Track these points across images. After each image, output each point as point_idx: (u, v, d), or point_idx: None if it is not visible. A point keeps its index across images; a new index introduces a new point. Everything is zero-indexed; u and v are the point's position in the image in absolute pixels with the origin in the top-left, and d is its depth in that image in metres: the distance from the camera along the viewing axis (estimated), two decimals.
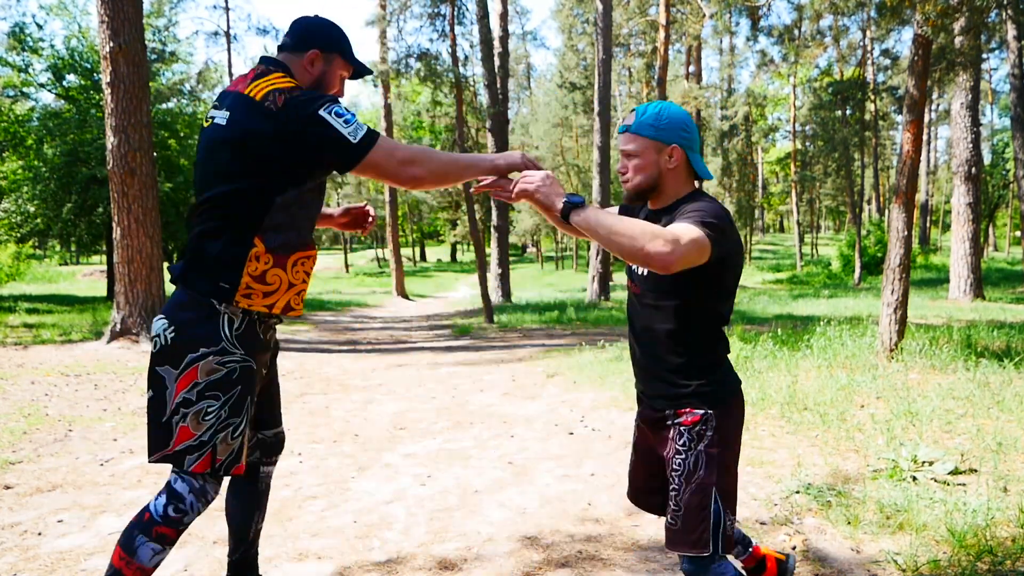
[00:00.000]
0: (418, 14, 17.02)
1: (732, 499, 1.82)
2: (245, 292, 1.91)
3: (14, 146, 17.90)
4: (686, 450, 1.80)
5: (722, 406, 1.82)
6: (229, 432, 1.88)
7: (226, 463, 1.89)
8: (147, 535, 1.85)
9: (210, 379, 1.86)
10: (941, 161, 50.21)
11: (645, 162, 1.83)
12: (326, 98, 1.86)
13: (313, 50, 2.01)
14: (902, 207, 6.42)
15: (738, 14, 19.08)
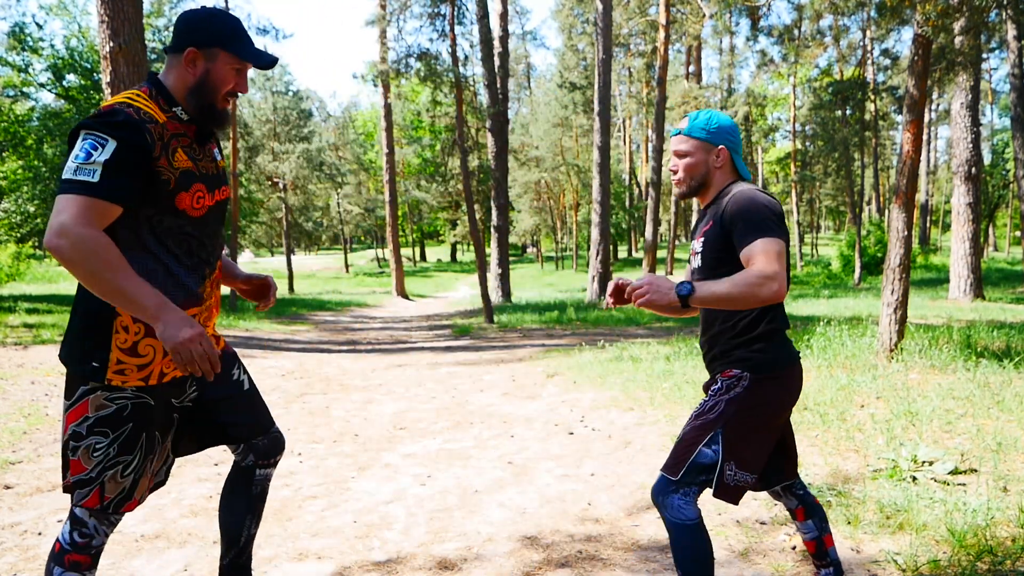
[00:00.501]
0: (418, 14, 17.02)
1: (744, 454, 1.93)
2: (117, 368, 1.77)
3: (14, 146, 17.91)
4: (711, 396, 2.00)
5: (762, 374, 1.97)
6: (119, 470, 1.79)
7: (115, 500, 1.80)
8: (61, 565, 1.81)
9: (99, 415, 1.77)
10: (941, 161, 50.21)
11: (696, 160, 2.07)
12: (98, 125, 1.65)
13: (190, 48, 1.79)
14: (902, 207, 6.42)
15: (738, 14, 19.09)
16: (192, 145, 1.87)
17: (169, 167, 1.76)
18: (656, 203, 24.41)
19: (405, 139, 39.17)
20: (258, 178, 33.41)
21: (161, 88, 1.83)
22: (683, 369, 6.43)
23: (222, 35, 1.81)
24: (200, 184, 1.84)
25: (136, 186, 1.69)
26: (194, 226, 1.84)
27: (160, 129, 1.76)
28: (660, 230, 43.65)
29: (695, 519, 1.92)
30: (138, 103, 1.77)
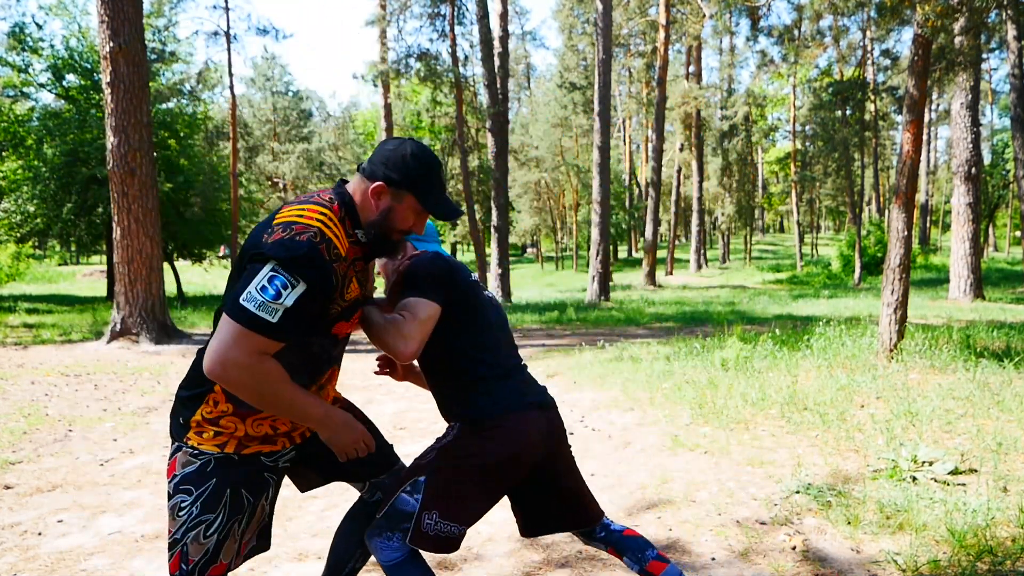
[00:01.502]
0: (418, 14, 17.03)
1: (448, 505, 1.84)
2: (197, 429, 1.76)
3: (14, 146, 17.91)
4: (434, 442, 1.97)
5: (470, 425, 1.90)
6: (201, 530, 1.73)
7: (200, 563, 1.74)
8: None
9: (184, 472, 1.75)
10: (941, 161, 50.22)
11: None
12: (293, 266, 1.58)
13: (379, 182, 1.75)
14: (902, 207, 6.42)
15: (738, 14, 19.08)
16: (363, 269, 1.85)
17: (340, 299, 1.74)
18: (656, 203, 24.44)
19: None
20: (258, 178, 33.41)
21: (350, 209, 1.77)
22: (683, 369, 6.43)
23: (416, 181, 1.77)
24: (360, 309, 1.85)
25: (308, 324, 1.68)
26: (329, 341, 1.83)
27: (345, 267, 1.73)
28: (660, 230, 43.69)
29: (399, 556, 1.86)
30: (329, 233, 1.68)
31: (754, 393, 5.18)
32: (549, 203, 41.30)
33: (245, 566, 2.77)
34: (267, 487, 1.85)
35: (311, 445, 1.95)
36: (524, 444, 1.89)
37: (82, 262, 50.15)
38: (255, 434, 1.79)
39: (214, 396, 1.75)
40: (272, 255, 1.59)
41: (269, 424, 1.80)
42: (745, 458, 3.91)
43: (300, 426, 1.87)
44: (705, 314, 13.17)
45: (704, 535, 2.96)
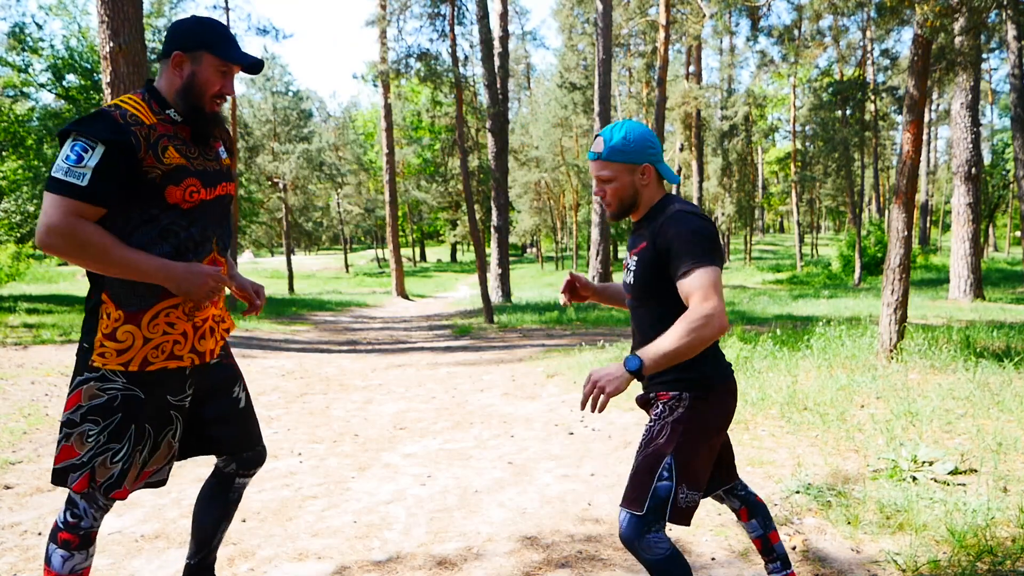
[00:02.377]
0: (418, 14, 17.02)
1: (693, 475, 1.91)
2: (100, 351, 1.88)
3: (14, 146, 17.91)
4: (656, 420, 1.96)
5: (699, 391, 1.94)
6: (108, 456, 1.88)
7: (104, 485, 1.89)
8: (54, 541, 1.92)
9: (91, 403, 1.88)
10: (941, 161, 50.22)
11: (622, 184, 1.98)
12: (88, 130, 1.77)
13: (176, 52, 1.89)
14: (902, 207, 6.42)
15: (738, 14, 19.09)
16: (187, 144, 1.94)
17: (158, 163, 1.84)
18: None
19: (405, 139, 39.16)
20: (258, 178, 33.41)
21: (154, 92, 1.93)
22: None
23: (207, 39, 1.90)
24: (193, 179, 1.91)
25: (120, 189, 1.80)
26: (184, 217, 1.91)
27: (147, 130, 1.85)
28: None
29: (670, 549, 1.88)
30: (127, 106, 1.87)
31: (754, 393, 5.18)
32: (549, 203, 41.30)
33: (245, 566, 2.77)
34: (172, 424, 1.99)
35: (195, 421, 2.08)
36: (734, 406, 2.03)
37: None
38: (154, 339, 1.89)
39: (104, 307, 1.88)
40: (70, 128, 1.80)
41: (164, 323, 1.91)
42: (745, 458, 3.91)
43: (203, 344, 2.01)
44: None
45: (704, 535, 2.96)
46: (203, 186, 1.94)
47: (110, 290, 1.88)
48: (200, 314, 1.99)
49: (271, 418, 5.46)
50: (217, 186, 2.00)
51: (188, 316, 1.95)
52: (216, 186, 1.99)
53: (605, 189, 1.99)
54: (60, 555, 1.91)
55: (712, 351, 1.99)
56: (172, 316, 1.92)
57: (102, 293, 1.88)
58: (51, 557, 1.91)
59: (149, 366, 1.90)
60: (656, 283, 1.94)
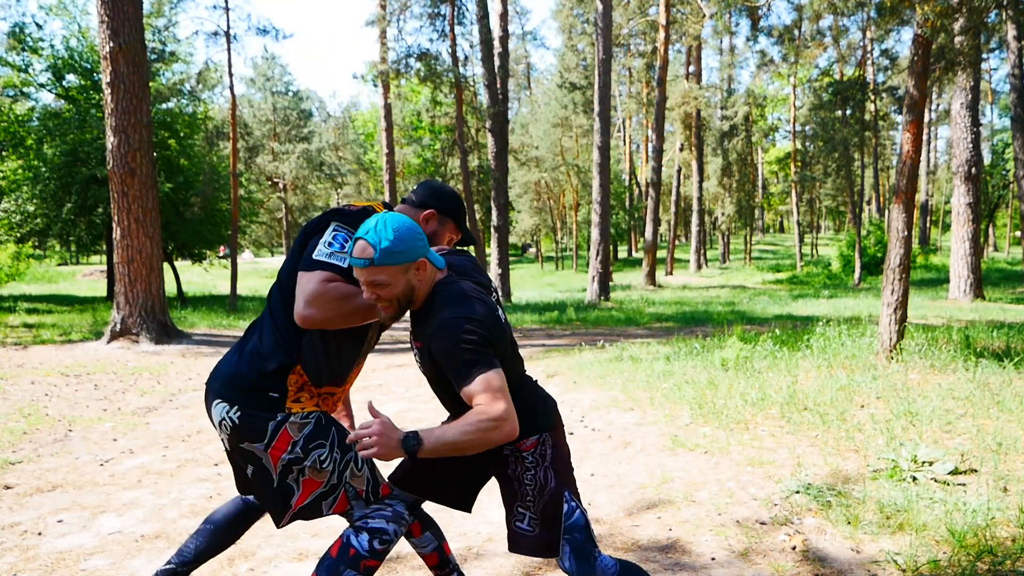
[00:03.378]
0: (418, 14, 17.03)
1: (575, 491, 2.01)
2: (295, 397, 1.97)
3: (14, 146, 17.90)
4: (534, 471, 1.95)
5: (550, 429, 2.00)
6: (353, 467, 1.98)
7: (370, 490, 1.99)
8: (356, 570, 1.88)
9: (305, 433, 1.93)
10: (941, 161, 50.24)
11: (398, 285, 1.84)
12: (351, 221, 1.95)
13: (432, 210, 2.15)
14: (902, 207, 6.42)
15: (738, 14, 19.09)
16: None
17: None
18: (656, 203, 24.44)
19: (405, 139, 39.15)
20: (258, 178, 33.40)
21: None
22: (683, 369, 6.43)
23: (457, 212, 2.20)
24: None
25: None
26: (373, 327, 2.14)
27: None
28: (660, 230, 43.70)
29: (616, 563, 1.98)
30: None
31: (754, 393, 5.18)
32: (549, 203, 41.30)
33: (245, 566, 2.77)
34: None
35: None
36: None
37: (82, 262, 50.17)
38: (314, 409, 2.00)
39: (295, 375, 1.96)
40: (331, 218, 1.96)
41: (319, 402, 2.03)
42: (745, 458, 3.91)
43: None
44: (705, 314, 13.17)
45: (704, 535, 2.96)
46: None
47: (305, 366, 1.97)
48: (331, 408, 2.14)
49: None
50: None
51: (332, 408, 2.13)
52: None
53: (379, 294, 1.83)
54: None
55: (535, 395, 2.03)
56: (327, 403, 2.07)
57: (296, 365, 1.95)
58: None
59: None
60: (442, 380, 1.96)
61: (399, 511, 2.00)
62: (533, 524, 1.97)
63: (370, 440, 1.70)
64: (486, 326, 1.80)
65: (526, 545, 1.98)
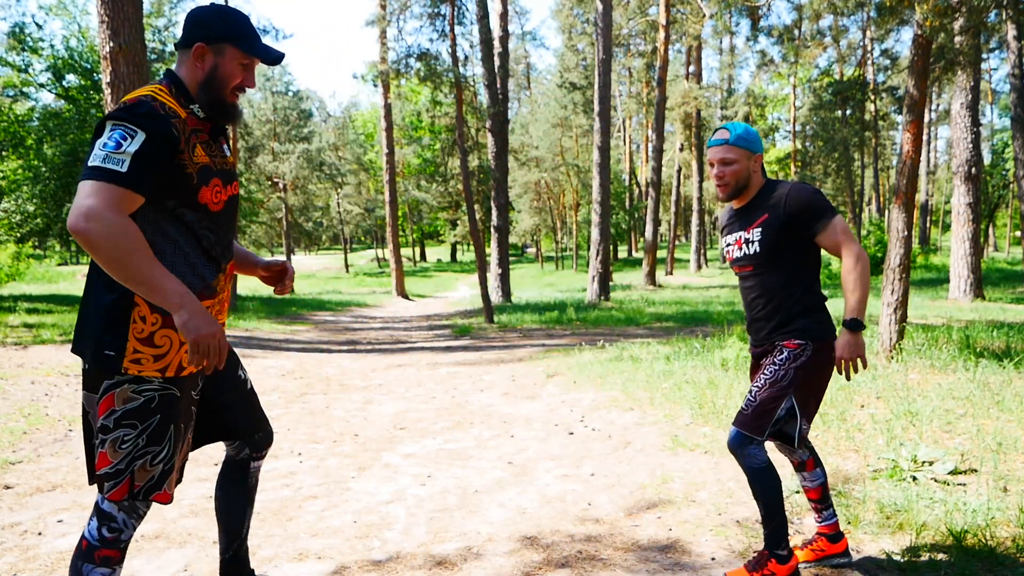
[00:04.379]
0: (418, 14, 17.02)
1: (810, 411, 2.43)
2: (133, 357, 1.78)
3: (14, 146, 17.91)
4: (781, 364, 2.36)
5: (819, 342, 2.37)
6: (148, 459, 1.81)
7: (144, 488, 1.82)
8: (92, 561, 1.82)
9: (126, 407, 1.79)
10: (941, 161, 50.23)
11: (741, 167, 2.42)
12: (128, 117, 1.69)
13: (198, 43, 1.84)
14: (902, 207, 6.42)
15: (738, 14, 19.09)
16: (208, 141, 1.91)
17: (191, 162, 1.80)
18: (656, 203, 24.43)
19: (405, 139, 39.16)
20: (258, 178, 33.40)
21: (179, 85, 1.88)
22: (683, 369, 6.42)
23: (230, 31, 1.86)
24: (217, 179, 1.88)
25: (159, 179, 1.73)
26: (212, 219, 1.88)
27: (182, 124, 1.81)
28: (660, 230, 43.68)
29: (768, 461, 2.40)
30: (161, 97, 1.81)
31: None
32: (549, 203, 41.29)
33: None
34: (193, 418, 1.96)
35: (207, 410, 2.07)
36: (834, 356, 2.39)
37: (82, 262, 50.16)
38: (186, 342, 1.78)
39: (137, 309, 1.77)
40: (108, 117, 1.71)
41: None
42: None
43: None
44: (705, 314, 13.17)
45: (704, 535, 2.96)
46: (223, 185, 1.91)
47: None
48: (221, 317, 1.98)
49: (271, 418, 5.46)
50: (230, 185, 1.97)
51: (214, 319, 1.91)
52: (230, 185, 1.96)
53: (725, 171, 2.41)
54: (100, 573, 1.81)
55: (825, 306, 2.42)
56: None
57: (134, 296, 1.77)
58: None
59: (182, 372, 1.86)
60: (784, 245, 2.37)
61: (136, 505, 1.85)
62: (749, 405, 2.38)
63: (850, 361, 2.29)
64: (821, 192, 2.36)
65: (736, 419, 2.40)
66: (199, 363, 1.72)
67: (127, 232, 1.62)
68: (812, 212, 2.32)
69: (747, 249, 2.46)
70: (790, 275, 2.39)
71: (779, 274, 2.40)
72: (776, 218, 2.36)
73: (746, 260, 2.48)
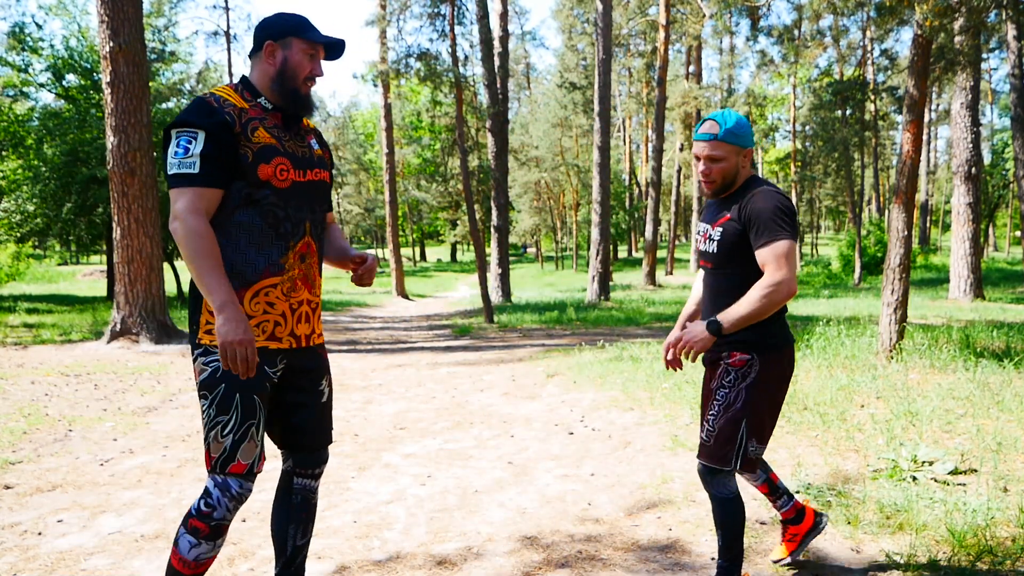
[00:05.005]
0: (418, 14, 17.01)
1: (761, 431, 2.26)
2: (207, 328, 1.95)
3: (14, 146, 17.90)
4: (731, 386, 2.23)
5: (768, 354, 2.22)
6: (218, 430, 1.92)
7: (220, 460, 1.92)
8: (184, 527, 1.97)
9: (201, 379, 1.94)
10: (941, 161, 50.23)
11: (730, 164, 2.25)
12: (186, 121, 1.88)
13: (268, 42, 2.02)
14: (902, 207, 6.42)
15: (738, 14, 19.09)
16: (277, 127, 2.03)
17: (247, 142, 1.93)
18: (656, 203, 24.43)
19: (405, 139, 39.15)
20: None
21: (247, 82, 2.06)
22: (683, 369, 6.41)
23: (292, 25, 2.03)
24: (283, 159, 1.99)
25: (230, 167, 1.90)
26: (279, 197, 1.98)
27: (238, 112, 1.96)
28: (660, 230, 43.66)
29: (737, 491, 2.29)
30: (218, 92, 2.00)
31: None
32: (549, 203, 41.29)
33: (245, 566, 2.77)
34: (267, 393, 2.00)
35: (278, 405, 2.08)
36: (792, 367, 2.31)
37: (82, 262, 50.15)
38: (255, 317, 1.95)
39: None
40: (169, 128, 1.92)
41: (265, 302, 1.96)
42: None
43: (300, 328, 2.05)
44: None
45: (704, 535, 2.96)
46: (293, 167, 2.01)
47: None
48: (296, 295, 2.03)
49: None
50: (309, 171, 2.06)
51: (286, 296, 2.01)
52: (308, 170, 2.06)
53: (712, 168, 2.24)
54: (188, 541, 1.95)
55: (778, 318, 2.26)
56: (272, 296, 1.98)
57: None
58: (179, 541, 1.97)
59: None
60: (738, 250, 2.22)
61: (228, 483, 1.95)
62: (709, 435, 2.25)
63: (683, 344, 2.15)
64: (793, 209, 2.19)
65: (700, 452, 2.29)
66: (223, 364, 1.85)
67: (198, 234, 1.84)
68: (761, 225, 2.14)
69: (708, 246, 2.34)
70: (745, 280, 2.21)
71: (735, 278, 2.25)
72: (736, 220, 2.23)
73: (706, 256, 2.38)
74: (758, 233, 2.14)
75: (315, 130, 2.21)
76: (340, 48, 2.08)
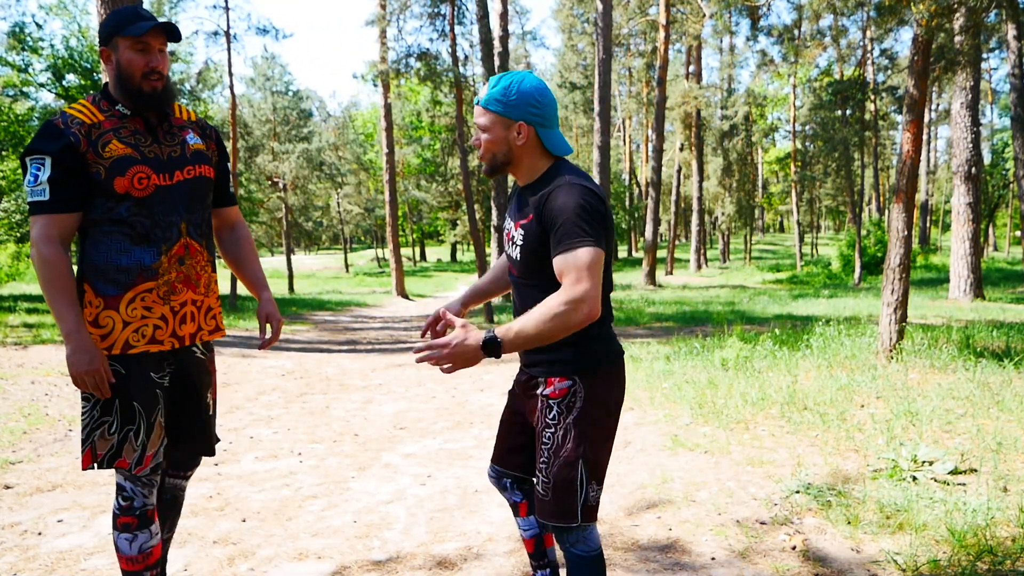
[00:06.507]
0: (418, 14, 17.03)
1: (599, 470, 1.86)
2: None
3: (14, 146, 17.90)
4: (555, 424, 1.83)
5: (592, 378, 1.83)
6: (104, 429, 1.97)
7: (107, 456, 1.98)
8: (116, 528, 2.03)
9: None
10: (941, 161, 50.25)
11: (494, 137, 1.82)
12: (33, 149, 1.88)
13: (102, 49, 2.01)
14: (902, 207, 6.42)
15: (738, 14, 19.10)
16: (137, 133, 1.99)
17: (98, 159, 1.90)
18: (656, 203, 24.44)
19: (405, 139, 39.14)
20: (258, 178, 33.41)
21: (106, 93, 2.02)
22: (683, 369, 6.42)
23: (114, 26, 1.95)
24: (142, 167, 1.95)
25: (82, 189, 1.90)
26: (142, 206, 1.96)
27: (87, 128, 1.92)
28: (660, 230, 43.68)
29: (599, 549, 1.91)
30: (70, 111, 1.95)
31: (754, 393, 5.18)
32: None
33: (245, 565, 2.77)
34: (159, 403, 2.03)
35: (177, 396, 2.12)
36: (623, 389, 1.93)
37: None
38: (133, 322, 1.96)
39: (86, 295, 1.96)
40: (23, 155, 1.91)
41: (142, 307, 1.97)
42: (745, 458, 3.91)
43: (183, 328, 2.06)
44: (705, 314, 13.17)
45: (704, 535, 2.96)
46: (156, 172, 1.97)
47: (88, 278, 1.96)
48: (176, 298, 2.03)
49: (271, 418, 5.46)
50: (179, 171, 2.03)
51: (164, 300, 2.01)
52: (177, 171, 2.02)
53: (480, 139, 1.84)
54: (124, 539, 2.00)
55: (601, 332, 1.84)
56: (148, 300, 1.98)
57: (83, 283, 1.97)
58: (117, 545, 2.02)
59: (131, 349, 1.98)
60: (543, 259, 1.77)
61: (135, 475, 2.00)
62: (546, 489, 1.84)
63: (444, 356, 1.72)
64: (604, 205, 1.74)
65: (540, 510, 1.88)
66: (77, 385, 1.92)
67: (48, 263, 1.87)
68: (560, 228, 1.69)
69: (512, 250, 1.89)
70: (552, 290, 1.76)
71: (542, 290, 1.78)
72: (537, 220, 1.77)
73: (511, 261, 1.93)
74: (556, 238, 1.70)
75: (197, 122, 2.17)
76: (171, 30, 1.97)
